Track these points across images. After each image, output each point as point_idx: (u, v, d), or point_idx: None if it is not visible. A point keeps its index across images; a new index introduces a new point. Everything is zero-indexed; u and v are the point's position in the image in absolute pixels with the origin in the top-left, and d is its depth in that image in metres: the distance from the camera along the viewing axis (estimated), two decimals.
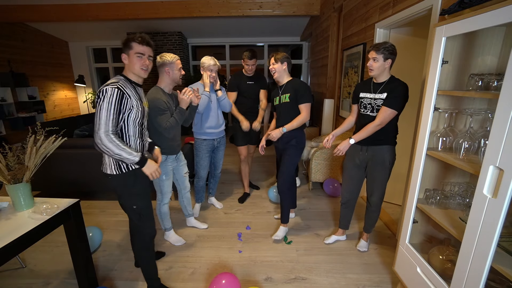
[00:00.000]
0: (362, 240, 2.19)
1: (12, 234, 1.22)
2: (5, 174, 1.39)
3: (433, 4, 1.81)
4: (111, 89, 1.33)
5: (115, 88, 1.34)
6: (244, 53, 2.70)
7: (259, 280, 1.87)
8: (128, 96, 1.39)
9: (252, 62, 2.70)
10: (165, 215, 2.20)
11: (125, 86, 1.40)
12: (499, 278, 1.13)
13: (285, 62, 2.11)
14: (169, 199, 2.15)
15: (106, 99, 1.32)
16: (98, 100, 1.33)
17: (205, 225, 2.52)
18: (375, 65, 1.70)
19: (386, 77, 1.76)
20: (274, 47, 7.61)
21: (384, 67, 1.71)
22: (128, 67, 1.46)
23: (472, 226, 1.07)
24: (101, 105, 1.32)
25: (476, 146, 1.25)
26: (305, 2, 4.89)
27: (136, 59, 1.43)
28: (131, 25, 5.91)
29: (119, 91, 1.35)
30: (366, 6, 2.90)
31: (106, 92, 1.32)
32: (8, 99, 5.21)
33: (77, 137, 4.05)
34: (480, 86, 1.20)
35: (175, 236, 2.29)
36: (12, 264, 2.00)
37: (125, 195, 1.51)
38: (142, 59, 1.45)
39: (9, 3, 4.98)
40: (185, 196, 2.38)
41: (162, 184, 2.06)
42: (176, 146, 2.10)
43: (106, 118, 1.32)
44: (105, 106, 1.32)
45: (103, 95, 1.33)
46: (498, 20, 0.95)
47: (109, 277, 1.90)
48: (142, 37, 1.44)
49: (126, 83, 1.42)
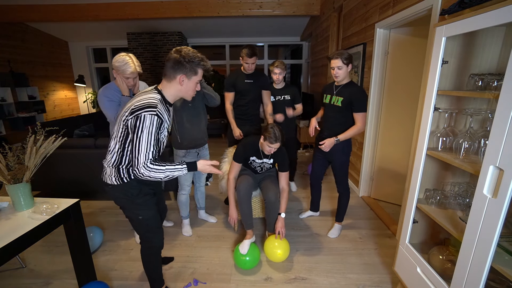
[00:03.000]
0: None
1: (12, 234, 1.22)
2: (5, 174, 1.39)
3: (433, 4, 1.81)
4: (150, 116, 1.20)
5: (154, 115, 1.21)
6: (242, 50, 2.38)
7: (259, 280, 1.87)
8: (165, 122, 1.30)
9: (252, 61, 2.39)
10: (182, 204, 2.36)
11: (162, 111, 1.28)
12: (499, 278, 1.14)
13: (351, 64, 2.01)
14: (187, 191, 2.32)
15: (145, 130, 1.20)
16: (135, 129, 1.20)
17: (215, 219, 2.62)
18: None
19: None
20: (274, 47, 7.61)
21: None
22: (179, 90, 1.33)
23: (472, 226, 1.07)
24: (139, 135, 1.20)
25: (476, 146, 1.25)
26: (305, 2, 4.89)
27: (195, 85, 1.34)
28: (131, 25, 5.91)
29: (158, 119, 1.23)
30: (366, 6, 2.90)
31: (145, 120, 1.19)
32: (8, 99, 5.21)
33: (77, 137, 4.06)
34: (480, 86, 1.20)
35: (187, 227, 2.42)
36: (12, 264, 2.00)
37: (128, 206, 1.42)
38: (197, 85, 1.38)
39: (9, 3, 4.98)
40: (199, 189, 2.51)
41: (179, 176, 2.22)
42: (196, 141, 2.18)
43: (146, 149, 1.21)
44: (144, 138, 1.20)
45: (141, 123, 1.19)
46: (498, 20, 0.95)
47: (109, 277, 1.90)
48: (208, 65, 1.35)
49: (162, 105, 1.29)
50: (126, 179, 1.35)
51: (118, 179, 1.34)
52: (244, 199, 2.05)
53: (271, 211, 2.07)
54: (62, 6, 5.03)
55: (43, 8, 5.06)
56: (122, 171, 1.34)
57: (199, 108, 2.18)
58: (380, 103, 2.82)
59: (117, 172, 1.34)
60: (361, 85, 3.06)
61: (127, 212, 1.45)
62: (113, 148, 1.34)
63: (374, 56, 2.70)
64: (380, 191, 3.00)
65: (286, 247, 1.97)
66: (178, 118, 2.10)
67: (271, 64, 2.67)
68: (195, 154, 2.23)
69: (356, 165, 3.29)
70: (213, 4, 4.96)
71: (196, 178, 2.45)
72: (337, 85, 2.08)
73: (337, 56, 1.94)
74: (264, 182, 2.20)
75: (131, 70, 1.75)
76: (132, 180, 1.36)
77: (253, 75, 2.53)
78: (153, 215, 1.47)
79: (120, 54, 1.77)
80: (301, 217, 2.67)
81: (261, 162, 2.15)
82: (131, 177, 1.35)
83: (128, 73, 1.75)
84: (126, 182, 1.35)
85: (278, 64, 2.62)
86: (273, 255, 1.95)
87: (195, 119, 2.15)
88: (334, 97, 2.08)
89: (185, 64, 1.27)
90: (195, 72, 1.31)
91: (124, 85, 1.81)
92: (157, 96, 1.29)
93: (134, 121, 1.21)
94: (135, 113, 1.21)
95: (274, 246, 1.95)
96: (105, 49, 7.23)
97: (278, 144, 1.89)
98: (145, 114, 1.20)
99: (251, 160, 2.16)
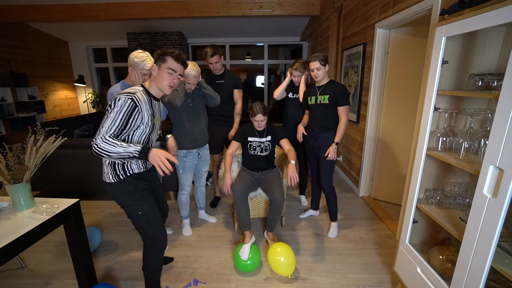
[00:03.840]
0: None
1: (12, 234, 1.22)
2: (5, 174, 1.39)
3: (433, 4, 1.81)
4: (124, 98, 1.26)
5: (129, 99, 1.26)
6: (205, 50, 2.37)
7: (259, 280, 1.87)
8: (140, 110, 1.31)
9: (215, 59, 2.38)
10: (182, 204, 2.36)
11: (141, 99, 1.32)
12: (499, 278, 1.13)
13: (327, 64, 2.16)
14: (187, 191, 2.32)
15: (116, 109, 1.24)
16: (109, 108, 1.25)
17: (215, 219, 2.62)
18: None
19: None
20: (274, 47, 7.61)
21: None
22: (154, 79, 1.40)
23: (472, 226, 1.07)
24: (109, 113, 1.24)
25: (476, 146, 1.25)
26: (305, 2, 4.89)
27: (166, 75, 1.37)
28: (131, 25, 5.91)
29: (132, 102, 1.27)
30: (366, 6, 2.90)
31: (118, 101, 1.25)
32: (8, 99, 5.21)
33: (77, 137, 4.06)
34: (480, 86, 1.20)
35: (187, 227, 2.43)
36: (12, 264, 2.00)
37: (127, 202, 1.43)
38: (172, 76, 1.39)
39: (9, 3, 4.98)
40: (199, 189, 2.53)
41: (180, 177, 2.26)
42: (197, 141, 2.19)
43: (108, 126, 1.23)
44: (112, 115, 1.24)
45: (114, 104, 1.25)
46: (498, 20, 0.95)
47: (109, 277, 1.90)
48: (180, 54, 1.39)
49: (143, 96, 1.35)
50: (122, 175, 1.39)
51: (115, 176, 1.38)
52: (240, 199, 2.04)
53: (275, 211, 2.06)
54: (62, 6, 5.03)
55: (43, 8, 5.05)
56: (117, 168, 1.38)
57: (199, 109, 2.20)
58: (380, 103, 2.82)
59: (113, 169, 1.38)
60: (361, 85, 3.06)
61: (127, 209, 1.46)
62: None
63: (374, 56, 2.70)
64: (380, 191, 3.00)
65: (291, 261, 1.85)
66: (178, 118, 2.11)
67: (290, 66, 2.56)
68: (196, 154, 2.24)
69: (356, 165, 3.29)
70: (213, 4, 4.96)
71: (197, 178, 2.45)
72: (318, 85, 2.24)
73: (315, 58, 2.12)
74: (267, 182, 2.20)
75: (150, 66, 1.80)
76: (128, 176, 1.40)
77: (224, 75, 2.55)
78: (152, 210, 1.48)
79: (137, 51, 1.84)
80: (301, 216, 2.67)
81: (259, 141, 2.26)
82: (126, 173, 1.40)
83: (147, 68, 1.81)
84: (123, 179, 1.39)
85: (298, 67, 2.50)
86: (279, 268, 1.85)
87: (195, 119, 2.17)
88: (320, 96, 2.21)
89: (157, 56, 1.38)
90: (163, 59, 1.37)
91: (140, 83, 1.83)
92: (138, 87, 1.38)
93: (110, 103, 1.27)
94: (114, 96, 1.29)
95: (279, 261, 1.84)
96: (105, 49, 7.23)
97: (261, 115, 2.12)
98: (120, 96, 1.27)
99: (250, 142, 2.26)
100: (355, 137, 3.30)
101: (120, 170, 1.38)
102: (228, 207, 2.90)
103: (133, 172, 1.42)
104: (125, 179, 1.40)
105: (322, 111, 2.21)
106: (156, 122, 1.47)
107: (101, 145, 1.20)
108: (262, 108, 2.13)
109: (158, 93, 1.45)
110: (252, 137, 2.26)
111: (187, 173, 2.24)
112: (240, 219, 2.07)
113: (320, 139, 2.24)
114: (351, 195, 3.17)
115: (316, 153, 2.31)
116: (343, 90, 2.15)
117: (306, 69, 2.51)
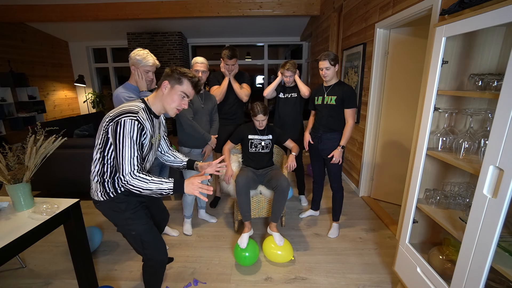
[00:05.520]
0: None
1: (12, 234, 1.22)
2: (5, 174, 1.39)
3: (433, 4, 1.81)
4: (130, 121, 1.16)
5: (135, 120, 1.17)
6: (223, 52, 2.38)
7: (259, 280, 1.87)
8: (146, 130, 1.24)
9: (232, 62, 2.40)
10: (186, 204, 2.39)
11: (144, 118, 1.23)
12: (499, 278, 1.13)
13: (337, 64, 2.11)
14: None
15: (127, 135, 1.15)
16: (116, 134, 1.16)
17: (215, 219, 2.64)
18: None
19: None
20: (274, 47, 7.61)
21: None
22: (162, 98, 1.29)
23: (472, 226, 1.07)
24: (122, 141, 1.15)
25: (476, 146, 1.25)
26: (305, 2, 4.89)
27: (178, 97, 1.28)
28: (131, 25, 5.91)
29: (139, 124, 1.19)
30: (366, 6, 2.90)
31: (125, 125, 1.15)
32: (8, 99, 5.21)
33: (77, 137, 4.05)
34: (480, 86, 1.20)
35: (188, 225, 2.45)
36: (12, 264, 2.00)
37: (119, 222, 1.35)
38: (184, 101, 1.30)
39: (9, 3, 4.98)
40: None
41: (184, 175, 2.34)
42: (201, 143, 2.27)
43: (130, 155, 1.16)
44: (127, 143, 1.15)
45: (121, 128, 1.15)
46: (498, 20, 0.95)
47: (109, 277, 1.90)
48: (198, 81, 1.31)
49: (145, 115, 1.25)
50: (112, 193, 1.30)
51: (104, 194, 1.29)
52: (243, 190, 2.09)
53: (281, 196, 2.09)
54: (62, 6, 5.03)
55: (43, 8, 5.06)
56: (107, 186, 1.29)
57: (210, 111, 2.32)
58: (380, 103, 2.82)
59: (102, 187, 1.29)
60: (361, 85, 3.06)
61: (119, 229, 1.38)
62: (95, 158, 1.30)
63: (374, 56, 2.70)
64: (380, 191, 3.00)
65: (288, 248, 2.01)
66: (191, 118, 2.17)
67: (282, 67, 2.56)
68: (199, 151, 2.32)
69: (356, 165, 3.29)
70: (213, 4, 4.96)
71: None
72: (326, 85, 2.20)
73: (325, 57, 2.05)
74: (270, 175, 2.27)
75: (152, 62, 1.81)
76: (119, 194, 1.31)
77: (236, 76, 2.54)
78: (146, 229, 1.36)
79: (137, 49, 1.83)
80: (301, 216, 2.67)
81: (260, 139, 2.35)
82: (117, 191, 1.30)
83: (150, 64, 1.80)
84: (113, 197, 1.30)
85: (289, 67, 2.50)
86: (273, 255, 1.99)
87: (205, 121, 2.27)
88: (327, 97, 2.17)
89: (172, 74, 1.27)
90: (179, 81, 1.27)
91: (143, 81, 1.82)
92: (140, 104, 1.27)
93: (115, 127, 1.16)
94: (115, 119, 1.17)
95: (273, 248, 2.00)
96: (105, 49, 7.23)
97: (261, 115, 2.20)
98: (125, 119, 1.16)
99: (251, 140, 2.34)
100: (355, 137, 3.30)
101: (110, 187, 1.29)
102: (228, 207, 2.90)
103: (123, 190, 1.32)
104: (116, 196, 1.30)
105: (328, 112, 2.18)
106: (154, 142, 1.37)
107: (131, 182, 1.16)
108: (262, 108, 2.20)
109: (160, 112, 1.35)
110: (252, 135, 2.34)
111: (191, 171, 2.27)
112: (241, 210, 2.12)
113: (324, 140, 2.22)
114: (351, 195, 3.17)
115: (320, 154, 2.30)
116: (352, 92, 2.10)
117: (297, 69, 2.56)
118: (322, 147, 2.23)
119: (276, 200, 2.13)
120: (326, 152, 2.19)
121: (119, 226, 1.38)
